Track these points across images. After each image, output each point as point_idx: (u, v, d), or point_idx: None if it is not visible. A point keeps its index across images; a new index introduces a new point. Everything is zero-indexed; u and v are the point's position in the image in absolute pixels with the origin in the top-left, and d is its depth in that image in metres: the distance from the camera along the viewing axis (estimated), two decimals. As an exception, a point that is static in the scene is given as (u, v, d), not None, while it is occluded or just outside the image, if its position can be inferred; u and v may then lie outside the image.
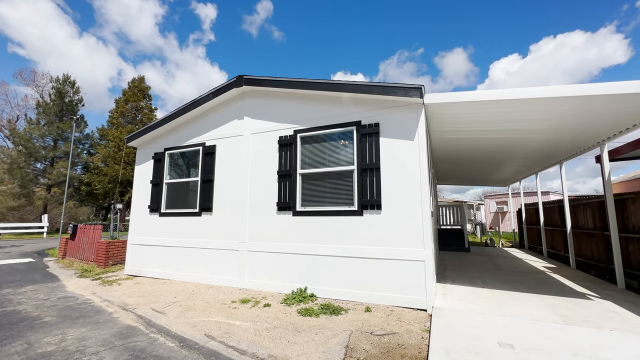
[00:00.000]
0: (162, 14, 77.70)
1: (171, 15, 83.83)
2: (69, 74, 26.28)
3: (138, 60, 73.55)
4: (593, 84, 3.91)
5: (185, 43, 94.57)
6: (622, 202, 5.94)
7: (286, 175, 5.64)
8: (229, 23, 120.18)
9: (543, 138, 6.21)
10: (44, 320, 4.17)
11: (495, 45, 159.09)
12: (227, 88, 6.25)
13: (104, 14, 62.02)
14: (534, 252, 10.95)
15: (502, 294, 5.06)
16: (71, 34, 54.22)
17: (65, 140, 25.30)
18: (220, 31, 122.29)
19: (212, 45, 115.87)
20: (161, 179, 7.11)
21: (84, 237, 9.22)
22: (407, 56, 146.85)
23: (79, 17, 56.68)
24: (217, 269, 6.04)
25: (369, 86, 4.92)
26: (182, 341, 3.48)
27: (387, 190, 4.81)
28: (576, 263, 7.69)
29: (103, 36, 60.87)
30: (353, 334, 3.61)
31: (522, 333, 3.42)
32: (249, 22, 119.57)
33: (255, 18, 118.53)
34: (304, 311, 4.35)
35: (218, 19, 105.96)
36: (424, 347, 3.26)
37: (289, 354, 3.12)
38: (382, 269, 4.68)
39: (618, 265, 5.68)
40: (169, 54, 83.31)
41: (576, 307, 4.36)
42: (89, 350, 3.25)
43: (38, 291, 5.82)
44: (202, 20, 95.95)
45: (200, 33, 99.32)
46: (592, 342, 3.17)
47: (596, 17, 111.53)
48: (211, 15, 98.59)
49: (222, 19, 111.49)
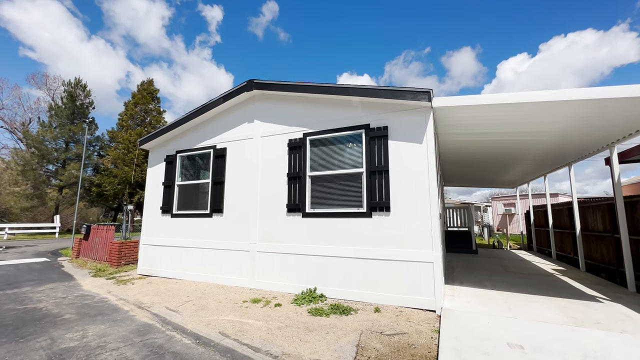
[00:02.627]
0: (169, 16, 78.90)
1: (178, 17, 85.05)
2: (80, 77, 26.91)
3: (146, 63, 74.78)
4: (605, 87, 3.93)
5: (192, 45, 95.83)
6: (633, 205, 5.90)
7: (296, 178, 5.74)
8: (235, 24, 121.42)
9: (552, 140, 6.21)
10: (64, 318, 4.33)
11: (504, 45, 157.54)
12: (237, 92, 6.40)
13: (112, 17, 63.23)
14: (543, 254, 10.87)
15: (511, 296, 5.07)
16: (80, 37, 55.49)
17: (76, 142, 25.86)
18: (226, 33, 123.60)
19: (218, 47, 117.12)
20: (173, 180, 7.28)
21: (97, 238, 9.45)
22: (414, 56, 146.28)
23: (88, 20, 57.96)
24: (228, 269, 6.16)
25: (377, 90, 5.00)
26: (198, 338, 3.59)
27: (395, 193, 4.88)
28: (586, 266, 7.64)
29: (111, 39, 62.07)
30: (363, 333, 3.68)
31: (531, 334, 3.45)
32: (254, 24, 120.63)
33: (261, 19, 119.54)
34: (314, 311, 4.43)
35: (224, 21, 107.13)
36: (433, 346, 3.32)
37: (302, 352, 3.21)
38: (391, 270, 4.74)
39: (629, 268, 5.65)
40: (175, 56, 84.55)
41: (586, 310, 4.37)
42: (109, 346, 3.39)
43: (56, 289, 6.01)
44: (209, 22, 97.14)
45: (207, 35, 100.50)
46: (603, 344, 3.19)
47: (609, 16, 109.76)
48: (217, 17, 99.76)
49: (228, 21, 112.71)
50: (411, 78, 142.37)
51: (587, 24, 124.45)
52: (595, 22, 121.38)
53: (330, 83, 5.49)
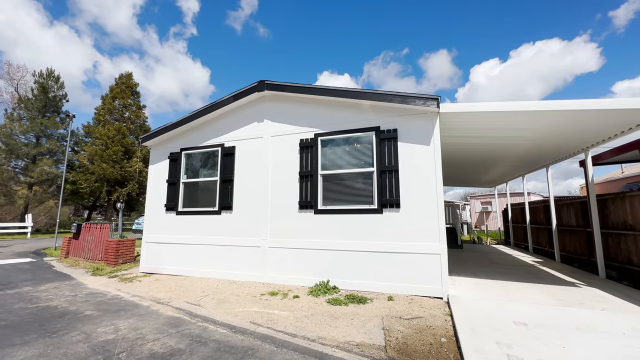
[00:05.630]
0: (140, 4, 75.40)
1: (151, 6, 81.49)
2: (53, 68, 25.31)
3: (115, 53, 71.04)
4: (583, 100, 4.54)
5: (166, 36, 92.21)
6: (603, 202, 6.70)
7: (307, 176, 6.00)
8: (212, 17, 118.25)
9: (534, 144, 6.89)
10: (85, 314, 4.34)
11: (478, 48, 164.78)
12: (248, 92, 6.54)
13: (77, 3, 59.43)
14: (520, 248, 11.82)
15: (504, 283, 5.65)
16: (41, 22, 51.64)
17: (48, 137, 24.37)
18: (203, 25, 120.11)
19: (194, 40, 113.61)
20: (178, 178, 7.29)
21: (89, 236, 9.18)
22: (392, 56, 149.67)
23: (49, 4, 54.04)
24: (238, 265, 6.32)
25: (389, 95, 5.37)
26: (232, 328, 3.79)
27: (405, 191, 5.28)
28: (561, 257, 8.49)
29: (76, 26, 58.27)
30: (384, 318, 4.04)
31: (530, 314, 3.97)
32: (233, 17, 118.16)
33: (239, 13, 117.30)
34: (332, 301, 4.74)
35: (201, 13, 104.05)
36: (449, 327, 3.73)
37: (336, 335, 3.51)
38: (401, 261, 5.15)
39: (600, 257, 6.43)
40: (148, 47, 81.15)
41: (569, 293, 5.00)
42: (148, 337, 3.51)
43: (60, 288, 5.89)
44: (184, 13, 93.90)
45: (182, 26, 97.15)
46: (590, 319, 3.76)
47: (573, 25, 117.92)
48: (194, 9, 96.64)
49: (205, 13, 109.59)
50: (390, 79, 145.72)
51: (553, 33, 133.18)
52: (561, 32, 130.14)
53: (343, 87, 5.81)
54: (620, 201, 6.21)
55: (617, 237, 6.32)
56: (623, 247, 6.17)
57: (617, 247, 6.33)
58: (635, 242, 5.81)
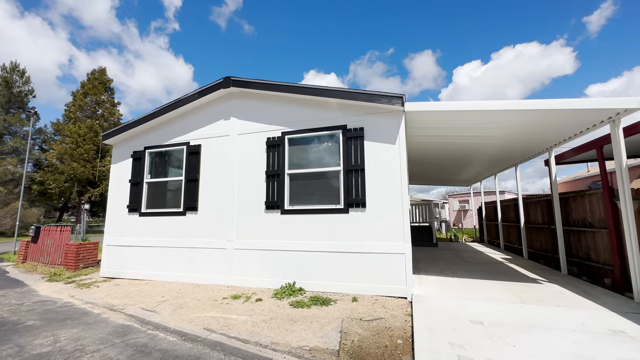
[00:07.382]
0: (119, -3, 72.44)
1: (130, -1, 78.47)
2: (18, 61, 23.90)
3: (92, 48, 68.18)
4: (541, 100, 4.61)
5: (146, 31, 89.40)
6: (566, 200, 6.91)
7: (274, 175, 5.85)
8: (196, 12, 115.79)
9: (501, 143, 7.02)
10: (27, 324, 4.03)
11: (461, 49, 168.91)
12: (213, 89, 6.31)
13: (50, -6, 56.48)
14: (493, 245, 12.11)
15: (469, 281, 5.70)
16: (11, 13, 48.88)
17: (13, 134, 23.00)
18: (186, 20, 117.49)
19: (176, 35, 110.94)
20: (141, 178, 6.96)
21: (49, 240, 8.66)
22: (378, 56, 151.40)
23: (20, -6, 51.19)
24: (204, 268, 6.09)
25: (355, 93, 5.30)
26: (183, 335, 3.60)
27: (371, 190, 5.22)
28: (528, 254, 8.72)
29: (49, 18, 55.41)
30: (344, 320, 3.96)
31: (488, 312, 3.98)
32: (217, 13, 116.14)
33: (224, 9, 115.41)
34: (295, 303, 4.62)
35: (184, 8, 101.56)
36: (408, 328, 3.69)
37: (290, 340, 3.39)
38: (367, 262, 5.09)
39: (562, 254, 6.62)
40: (127, 42, 78.49)
41: (530, 290, 5.09)
42: (88, 348, 3.27)
43: (7, 296, 5.49)
44: (166, 7, 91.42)
45: (163, 21, 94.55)
46: (544, 316, 3.81)
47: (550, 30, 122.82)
48: (176, 3, 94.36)
49: (188, 8, 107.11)
50: (375, 78, 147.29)
51: (533, 37, 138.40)
52: (540, 35, 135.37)
53: (309, 84, 5.69)
54: (581, 199, 6.41)
55: (578, 234, 6.52)
56: (583, 244, 6.37)
57: (578, 244, 6.53)
58: (594, 238, 6.01)
